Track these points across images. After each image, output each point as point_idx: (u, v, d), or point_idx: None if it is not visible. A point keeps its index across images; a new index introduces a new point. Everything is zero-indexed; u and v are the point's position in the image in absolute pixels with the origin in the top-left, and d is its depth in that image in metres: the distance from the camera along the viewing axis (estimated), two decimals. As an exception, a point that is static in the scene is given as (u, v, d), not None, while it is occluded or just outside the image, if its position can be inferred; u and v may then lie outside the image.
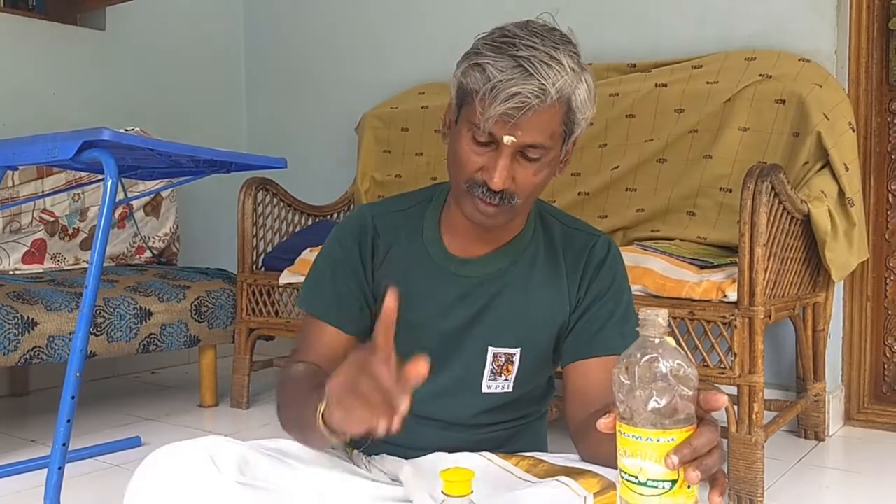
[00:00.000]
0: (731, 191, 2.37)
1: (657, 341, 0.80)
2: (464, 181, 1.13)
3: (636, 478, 0.80)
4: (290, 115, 3.77)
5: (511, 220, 1.18)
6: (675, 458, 0.78)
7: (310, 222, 3.11)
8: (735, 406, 1.90)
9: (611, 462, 0.95)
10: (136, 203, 3.03)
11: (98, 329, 2.40)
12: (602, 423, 0.85)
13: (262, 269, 2.85)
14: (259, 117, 3.90)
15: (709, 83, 2.48)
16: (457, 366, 1.24)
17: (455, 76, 1.13)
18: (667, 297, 1.99)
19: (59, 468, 1.60)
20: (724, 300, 1.93)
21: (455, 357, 1.24)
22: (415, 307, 1.23)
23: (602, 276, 1.24)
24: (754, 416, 1.87)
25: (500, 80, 1.04)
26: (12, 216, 2.79)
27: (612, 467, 0.99)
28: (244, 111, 3.93)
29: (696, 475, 0.79)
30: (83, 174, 2.83)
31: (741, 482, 1.89)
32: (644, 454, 0.79)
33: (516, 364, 1.24)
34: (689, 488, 0.80)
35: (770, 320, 1.93)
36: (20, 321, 2.22)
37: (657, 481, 0.79)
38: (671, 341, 0.81)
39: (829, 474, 2.18)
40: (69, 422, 1.60)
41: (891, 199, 2.56)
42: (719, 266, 2.08)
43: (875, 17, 2.53)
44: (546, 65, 1.04)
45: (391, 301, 0.88)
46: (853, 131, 2.32)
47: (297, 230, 3.05)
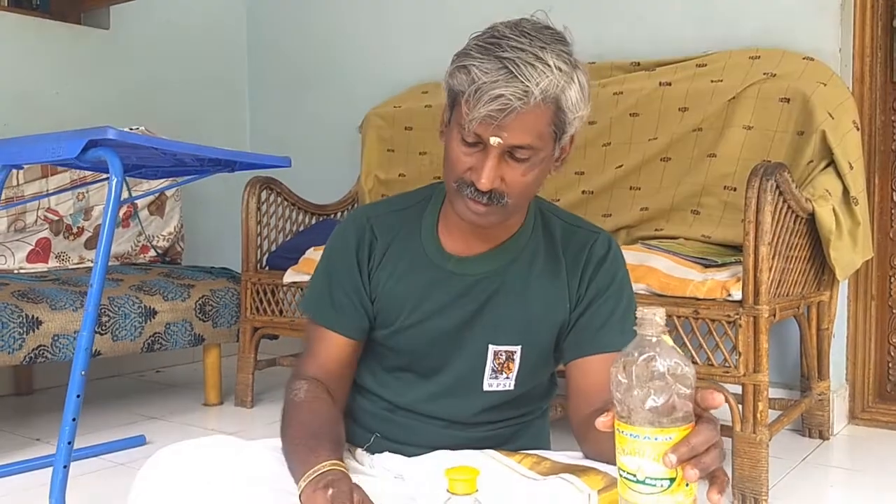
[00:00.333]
0: (735, 189, 2.36)
1: (654, 340, 0.80)
2: (454, 181, 1.13)
3: (634, 476, 0.80)
4: (294, 113, 3.77)
5: (504, 219, 1.17)
6: (672, 457, 0.78)
7: (314, 221, 3.12)
8: (739, 405, 1.90)
9: (614, 460, 0.95)
10: (140, 202, 3.03)
11: (103, 328, 2.41)
12: (600, 421, 0.85)
13: (267, 268, 2.85)
14: (262, 116, 3.90)
15: (713, 82, 2.48)
16: (458, 364, 1.24)
17: (445, 76, 1.13)
18: (671, 296, 1.99)
19: (65, 466, 1.60)
20: (729, 299, 1.93)
21: (456, 356, 1.24)
22: (414, 306, 1.23)
23: (602, 274, 1.24)
24: (759, 415, 1.87)
25: (484, 83, 1.04)
26: (17, 215, 2.79)
27: (614, 464, 0.99)
28: (247, 110, 3.94)
29: (694, 473, 0.79)
30: (88, 173, 2.84)
31: (746, 481, 1.88)
32: (642, 453, 0.79)
33: (517, 362, 1.24)
34: (688, 486, 0.80)
35: (774, 319, 1.92)
36: (25, 320, 2.22)
37: (655, 479, 0.79)
38: (668, 340, 0.81)
39: (833, 473, 2.18)
40: (74, 420, 1.60)
41: (895, 197, 2.56)
42: (724, 265, 2.08)
43: (879, 16, 2.52)
44: (530, 66, 1.04)
45: None
46: (857, 130, 2.31)
47: (300, 229, 3.06)
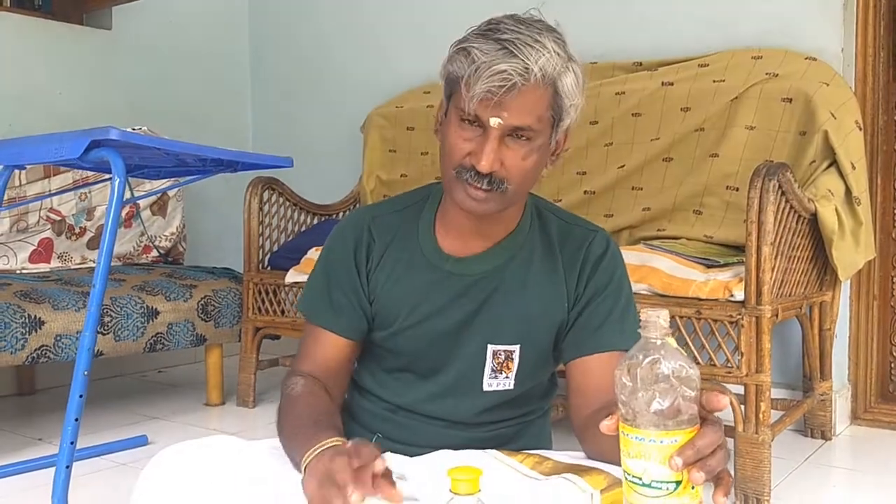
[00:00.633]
0: (737, 189, 2.36)
1: (659, 342, 0.80)
2: (453, 168, 1.13)
3: (640, 479, 0.80)
4: (296, 114, 3.77)
5: (503, 207, 1.17)
6: (678, 460, 0.78)
7: (315, 221, 3.12)
8: (742, 405, 1.90)
9: (615, 459, 0.94)
10: (142, 202, 3.03)
11: (105, 328, 2.41)
12: (605, 425, 0.85)
13: (268, 269, 2.85)
14: (264, 116, 3.90)
15: (715, 82, 2.48)
16: (457, 364, 1.24)
17: (443, 66, 1.14)
18: (673, 297, 1.99)
19: (67, 467, 1.60)
20: (731, 299, 1.92)
21: (455, 356, 1.24)
22: (412, 307, 1.23)
23: (601, 273, 1.24)
24: (761, 416, 1.87)
25: (484, 62, 1.05)
26: (19, 215, 2.79)
27: (616, 464, 0.99)
28: (249, 110, 3.94)
29: (700, 476, 0.79)
30: (90, 173, 2.84)
31: (748, 481, 1.88)
32: (648, 455, 0.79)
33: (516, 361, 1.24)
34: (694, 489, 0.80)
35: (777, 319, 1.92)
36: (27, 320, 2.23)
37: (661, 482, 0.79)
38: (673, 342, 0.80)
39: (835, 473, 2.18)
40: (77, 420, 1.60)
41: (898, 197, 2.56)
42: (726, 265, 2.08)
43: (882, 16, 2.52)
44: (529, 46, 1.06)
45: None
46: (860, 130, 2.31)
47: (302, 229, 3.06)
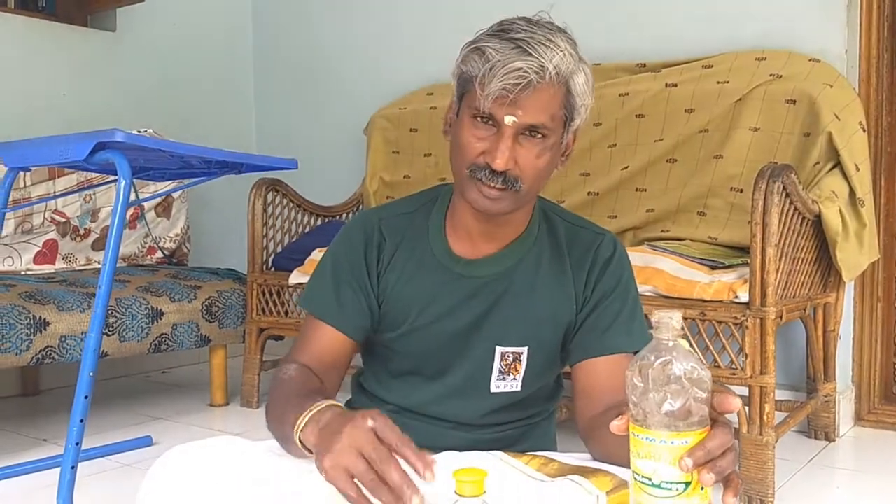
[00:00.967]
0: (741, 191, 2.36)
1: (671, 344, 0.80)
2: (466, 166, 1.13)
3: (650, 480, 0.80)
4: (299, 115, 3.77)
5: (516, 208, 1.17)
6: (689, 461, 0.78)
7: (319, 223, 3.12)
8: (746, 407, 1.90)
9: (622, 461, 0.94)
10: (146, 204, 3.04)
11: (110, 329, 2.41)
12: (615, 425, 0.85)
13: (272, 270, 2.86)
14: (268, 118, 3.91)
15: (719, 83, 2.48)
16: (465, 366, 1.24)
17: (455, 65, 1.15)
18: (678, 298, 1.99)
19: (73, 467, 1.61)
20: (736, 301, 1.92)
21: (463, 357, 1.24)
22: (422, 308, 1.24)
23: (608, 275, 1.24)
24: (765, 417, 1.87)
25: (499, 60, 1.06)
26: (24, 217, 2.80)
27: (623, 466, 0.99)
28: (253, 112, 3.94)
29: (710, 477, 0.79)
30: (94, 175, 2.84)
31: (752, 482, 1.88)
32: (658, 456, 0.79)
33: (524, 363, 1.24)
34: (703, 490, 0.80)
35: (781, 321, 1.92)
36: (32, 321, 2.23)
37: (671, 483, 0.79)
38: (685, 344, 0.81)
39: (839, 475, 2.17)
40: (82, 421, 1.61)
41: (902, 199, 2.56)
42: (730, 266, 2.08)
43: (885, 17, 2.52)
44: (544, 45, 1.07)
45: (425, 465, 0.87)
46: (864, 131, 2.31)
47: (306, 231, 3.06)
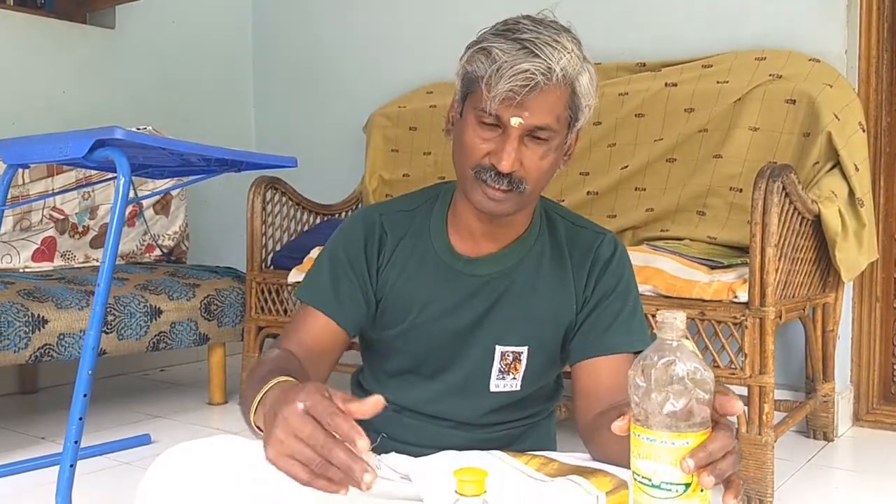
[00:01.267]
0: (741, 191, 2.36)
1: (674, 344, 0.80)
2: (471, 167, 1.13)
3: (650, 480, 0.80)
4: (299, 113, 3.77)
5: (520, 209, 1.17)
6: (690, 462, 0.78)
7: (318, 221, 3.12)
8: (745, 406, 1.90)
9: (622, 461, 0.94)
10: (145, 201, 3.04)
11: (108, 327, 2.41)
12: (616, 425, 0.84)
13: (271, 268, 2.85)
14: (267, 116, 3.90)
15: (719, 83, 2.48)
16: (465, 365, 1.24)
17: (460, 65, 1.14)
18: (677, 298, 1.99)
19: (71, 466, 1.61)
20: (735, 300, 1.92)
21: (463, 356, 1.24)
22: (423, 306, 1.23)
23: (609, 275, 1.24)
24: (764, 417, 1.87)
25: (506, 61, 1.05)
26: (22, 214, 2.80)
27: (622, 466, 0.98)
28: (252, 110, 3.94)
29: (710, 480, 0.79)
30: (93, 172, 2.84)
31: (751, 482, 1.88)
32: (658, 457, 0.79)
33: (524, 362, 1.24)
34: (703, 492, 0.80)
35: (780, 321, 1.92)
36: (30, 319, 2.23)
37: (671, 484, 0.79)
38: (689, 344, 0.80)
39: (837, 475, 2.18)
40: (81, 419, 1.60)
41: (901, 199, 2.56)
42: (730, 266, 2.08)
43: (885, 18, 2.52)
44: (550, 46, 1.06)
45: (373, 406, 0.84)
46: (863, 131, 2.31)
47: (305, 229, 3.06)
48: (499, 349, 1.23)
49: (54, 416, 2.67)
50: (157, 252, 3.12)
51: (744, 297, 1.90)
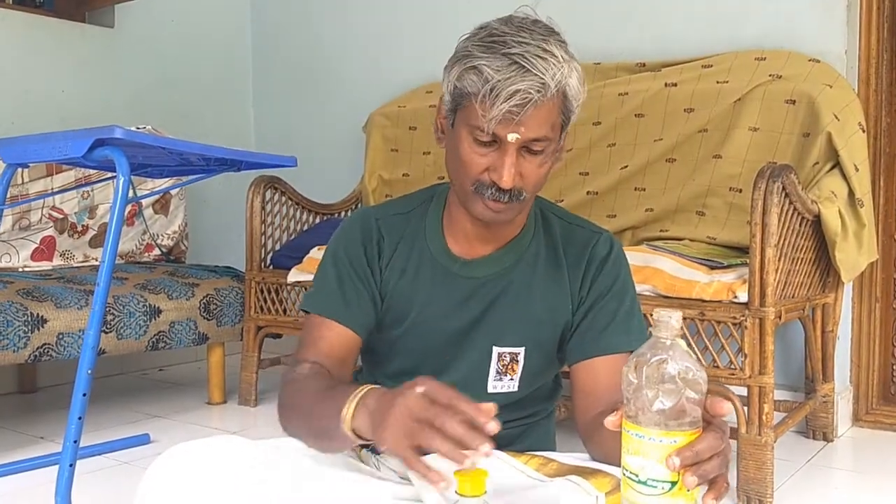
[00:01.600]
0: (740, 191, 2.36)
1: (668, 343, 0.80)
2: (471, 183, 1.13)
3: (637, 476, 0.80)
4: (298, 113, 3.77)
5: (518, 214, 1.18)
6: (676, 460, 0.78)
7: (318, 221, 3.12)
8: (745, 407, 1.90)
9: (620, 460, 0.94)
10: (145, 201, 3.03)
11: (108, 326, 2.41)
12: (609, 420, 0.85)
13: (271, 268, 2.85)
14: (267, 115, 3.90)
15: (718, 83, 2.48)
16: (462, 366, 1.24)
17: (448, 80, 1.12)
18: (677, 298, 1.99)
19: (71, 465, 1.61)
20: (735, 301, 1.92)
21: (460, 357, 1.24)
22: (421, 308, 1.23)
23: (605, 274, 1.24)
24: (764, 417, 1.87)
25: (499, 81, 1.04)
26: (21, 213, 2.79)
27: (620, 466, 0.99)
28: (251, 109, 3.94)
29: (692, 480, 0.79)
30: (92, 172, 2.84)
31: (751, 483, 1.88)
32: (646, 453, 0.79)
33: (521, 363, 1.24)
34: (690, 491, 0.80)
35: (780, 321, 1.92)
36: (30, 318, 2.23)
37: (657, 481, 0.79)
38: (683, 344, 0.81)
39: (837, 475, 2.18)
40: (80, 419, 1.60)
41: (900, 199, 2.56)
42: (729, 266, 2.07)
43: (885, 18, 2.52)
44: (540, 58, 1.05)
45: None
46: (863, 132, 2.31)
47: (305, 228, 3.06)
48: (496, 350, 1.23)
49: (53, 416, 2.67)
50: (157, 251, 3.12)
51: (743, 297, 1.90)
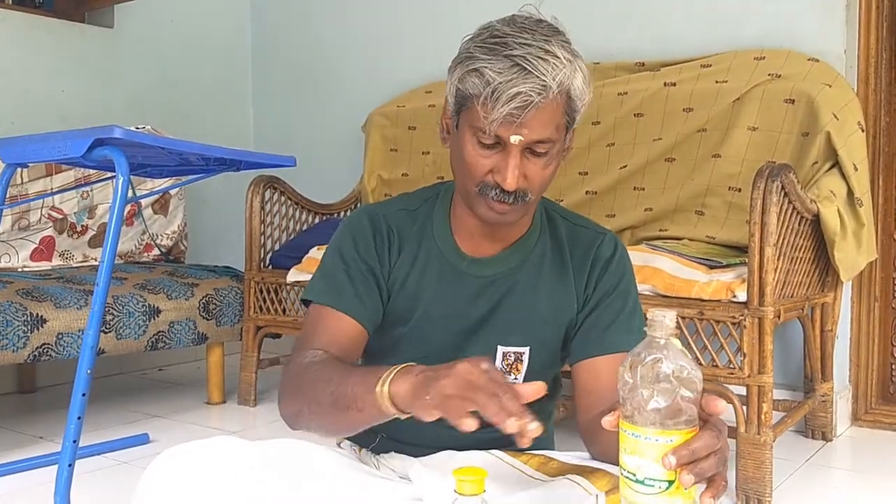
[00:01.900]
0: (740, 190, 2.36)
1: (663, 342, 0.80)
2: (475, 185, 1.13)
3: (634, 475, 0.80)
4: (297, 113, 3.77)
5: (523, 215, 1.18)
6: (672, 459, 0.79)
7: (317, 221, 3.12)
8: (744, 406, 1.90)
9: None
10: (144, 201, 3.03)
11: (107, 326, 2.41)
12: (606, 420, 0.85)
13: (270, 268, 2.85)
14: (266, 115, 3.90)
15: (717, 82, 2.48)
16: (466, 364, 1.24)
17: (451, 82, 1.12)
18: (676, 297, 1.99)
19: (70, 465, 1.60)
20: (734, 300, 1.92)
21: (465, 356, 1.22)
22: (428, 306, 1.23)
23: (609, 275, 1.24)
24: (763, 416, 1.87)
25: (500, 83, 1.04)
26: (21, 213, 2.79)
27: (621, 465, 0.99)
28: (251, 109, 3.94)
29: (689, 478, 0.79)
30: (91, 172, 2.84)
31: (749, 482, 1.88)
32: (643, 453, 0.80)
33: (525, 363, 1.25)
34: (687, 490, 0.80)
35: (779, 320, 1.92)
36: (29, 318, 2.23)
37: (654, 480, 0.80)
38: (677, 343, 0.81)
39: (836, 475, 2.18)
40: (80, 419, 1.60)
41: (899, 199, 2.56)
42: (728, 266, 2.08)
43: (884, 17, 2.52)
44: (542, 60, 1.04)
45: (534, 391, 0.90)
46: (862, 131, 2.31)
47: (304, 228, 3.06)
48: (501, 349, 1.23)
49: (53, 416, 2.67)
50: (156, 251, 3.12)
51: (742, 296, 1.90)
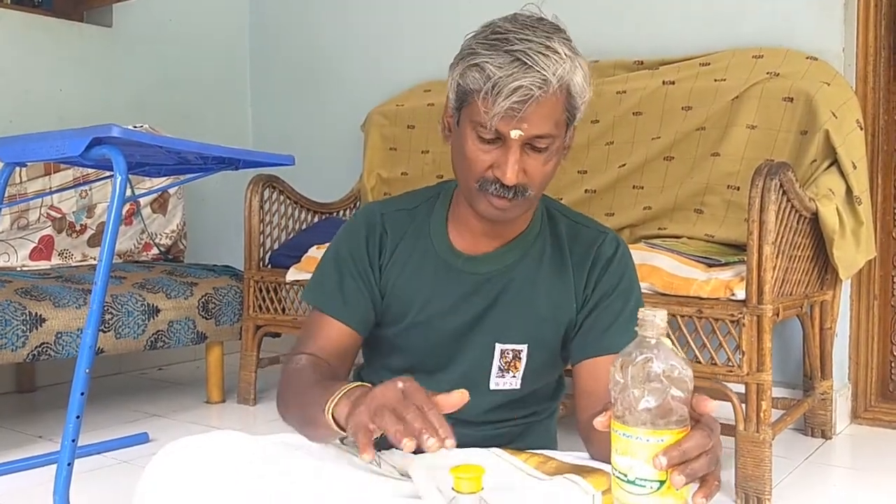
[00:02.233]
0: (738, 189, 2.36)
1: (654, 342, 0.80)
2: (475, 180, 1.13)
3: (625, 476, 0.80)
4: (296, 112, 3.77)
5: (524, 211, 1.19)
6: (663, 459, 0.78)
7: (316, 219, 3.12)
8: (743, 404, 1.90)
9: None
10: (142, 200, 3.03)
11: (106, 325, 2.41)
12: (598, 420, 0.85)
13: (269, 267, 2.85)
14: (265, 114, 3.90)
15: (716, 81, 2.48)
16: (465, 362, 1.24)
17: (452, 78, 1.13)
18: (674, 295, 1.99)
19: (69, 464, 1.60)
20: (733, 298, 1.92)
21: (463, 353, 1.24)
22: (424, 303, 1.24)
23: (610, 274, 1.24)
24: (762, 415, 1.87)
25: (501, 77, 1.04)
26: (20, 213, 2.79)
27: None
28: (250, 108, 3.94)
29: (679, 479, 0.79)
30: (90, 171, 2.84)
31: (749, 480, 1.88)
32: (634, 453, 0.79)
33: (524, 361, 1.25)
34: (679, 490, 0.80)
35: (778, 318, 1.92)
36: (28, 317, 2.22)
37: (645, 481, 0.79)
38: (668, 342, 0.81)
39: (835, 473, 2.18)
40: (79, 418, 1.60)
41: (898, 197, 2.56)
42: (727, 264, 2.08)
43: (883, 15, 2.52)
44: (543, 55, 1.05)
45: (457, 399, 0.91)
46: (861, 129, 2.31)
47: (303, 227, 3.06)
48: (498, 347, 1.24)
49: (52, 415, 2.67)
50: (155, 250, 3.12)
51: (741, 294, 1.91)
